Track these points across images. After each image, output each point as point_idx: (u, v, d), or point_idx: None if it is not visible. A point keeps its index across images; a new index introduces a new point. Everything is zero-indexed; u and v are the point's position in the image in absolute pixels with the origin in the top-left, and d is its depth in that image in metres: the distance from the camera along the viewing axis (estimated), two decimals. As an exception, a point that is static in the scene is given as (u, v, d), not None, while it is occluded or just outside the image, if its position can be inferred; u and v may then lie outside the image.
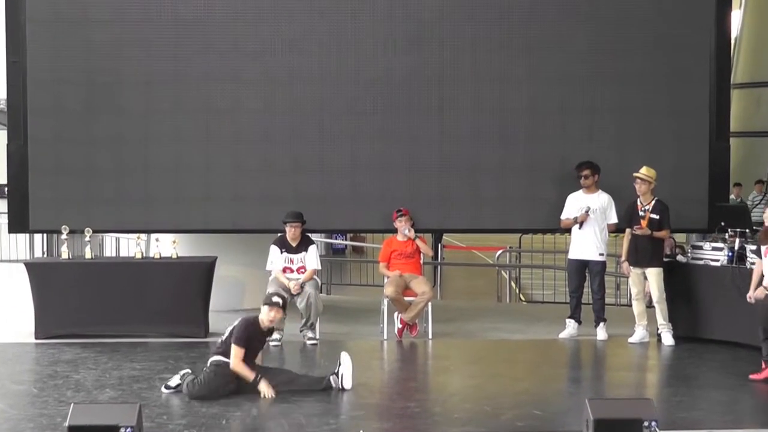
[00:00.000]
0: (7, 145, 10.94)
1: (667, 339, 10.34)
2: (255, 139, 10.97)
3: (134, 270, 10.67)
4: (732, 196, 15.36)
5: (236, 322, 8.28)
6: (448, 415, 7.71)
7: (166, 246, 10.84)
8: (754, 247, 9.56)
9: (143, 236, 11.23)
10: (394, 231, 10.89)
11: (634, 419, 6.37)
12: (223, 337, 8.31)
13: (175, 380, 8.24)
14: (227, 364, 8.11)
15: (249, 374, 8.10)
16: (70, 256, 10.84)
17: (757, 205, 17.08)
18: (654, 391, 8.79)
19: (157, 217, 10.95)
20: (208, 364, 8.22)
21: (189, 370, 8.30)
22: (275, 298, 8.31)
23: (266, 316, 8.26)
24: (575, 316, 10.82)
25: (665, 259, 10.60)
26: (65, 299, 10.45)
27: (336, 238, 20.62)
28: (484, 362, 9.90)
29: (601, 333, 10.65)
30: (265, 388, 8.04)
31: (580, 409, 6.80)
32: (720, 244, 10.27)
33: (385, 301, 10.69)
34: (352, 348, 10.54)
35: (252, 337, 8.21)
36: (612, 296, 14.51)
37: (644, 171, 10.41)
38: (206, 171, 10.97)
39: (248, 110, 10.95)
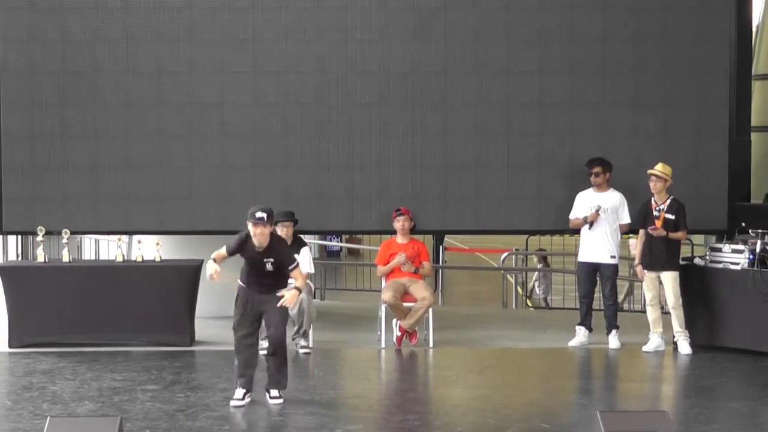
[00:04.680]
0: (-21, 141, 10.94)
1: (684, 347, 10.34)
2: (244, 133, 10.97)
3: (115, 274, 10.67)
4: None
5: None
6: (450, 428, 7.72)
7: (148, 248, 10.83)
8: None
9: (124, 238, 11.22)
10: (393, 232, 10.90)
11: (648, 433, 6.38)
12: None
13: (239, 392, 8.30)
14: (241, 287, 8.39)
15: (219, 255, 8.34)
16: (47, 260, 10.83)
17: None
18: (670, 403, 8.81)
19: (139, 217, 10.94)
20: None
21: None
22: (258, 214, 8.21)
23: (252, 233, 8.28)
24: (586, 323, 10.83)
25: (681, 262, 10.61)
26: (41, 305, 10.45)
27: (330, 240, 20.61)
28: (488, 372, 9.91)
29: (614, 341, 10.66)
30: (210, 268, 8.24)
31: (591, 423, 6.81)
32: (740, 246, 10.27)
33: (383, 307, 10.69)
34: (347, 357, 10.58)
35: (245, 250, 8.32)
36: (625, 302, 14.53)
37: (659, 168, 10.42)
38: (192, 168, 10.96)
39: (237, 103, 10.95)
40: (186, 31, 10.88)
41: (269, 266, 8.30)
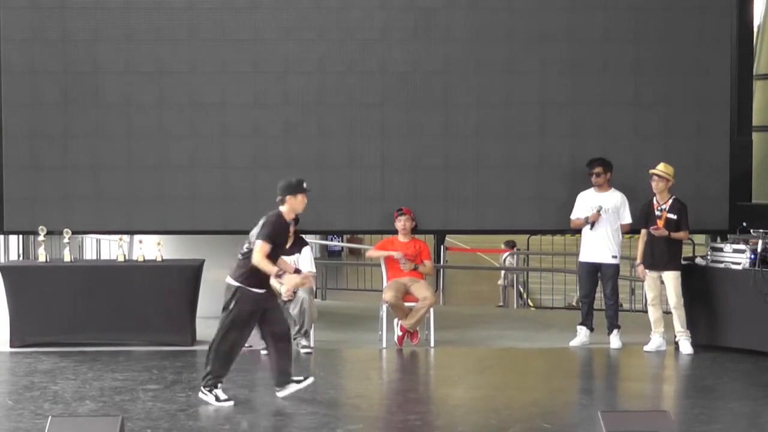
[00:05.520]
0: (-20, 140, 10.93)
1: (685, 347, 10.34)
2: (245, 133, 10.96)
3: (116, 274, 10.66)
4: None
5: (259, 225, 8.22)
6: (451, 428, 7.72)
7: (150, 248, 10.83)
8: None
9: (126, 237, 11.22)
10: (394, 232, 10.90)
11: (650, 433, 6.37)
12: (244, 251, 8.27)
13: (223, 393, 8.29)
14: (249, 290, 8.14)
15: (271, 268, 8.08)
16: (48, 259, 10.83)
17: None
18: (671, 403, 8.80)
19: (140, 217, 10.94)
20: (232, 297, 8.17)
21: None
22: (305, 183, 8.31)
23: (300, 204, 8.28)
24: (587, 322, 10.82)
25: (683, 262, 10.61)
26: (42, 305, 10.44)
27: (332, 240, 20.61)
28: (489, 372, 9.90)
29: (615, 341, 10.65)
30: (290, 279, 8.10)
31: (592, 422, 6.80)
32: (742, 246, 10.26)
33: (384, 307, 10.68)
34: (349, 357, 10.57)
35: (279, 234, 8.20)
36: (626, 301, 14.53)
37: (661, 168, 10.41)
38: (193, 168, 10.96)
39: (238, 103, 10.94)
40: (187, 32, 10.88)
41: (289, 242, 8.37)
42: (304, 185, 8.32)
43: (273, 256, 8.15)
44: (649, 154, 10.87)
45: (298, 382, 8.33)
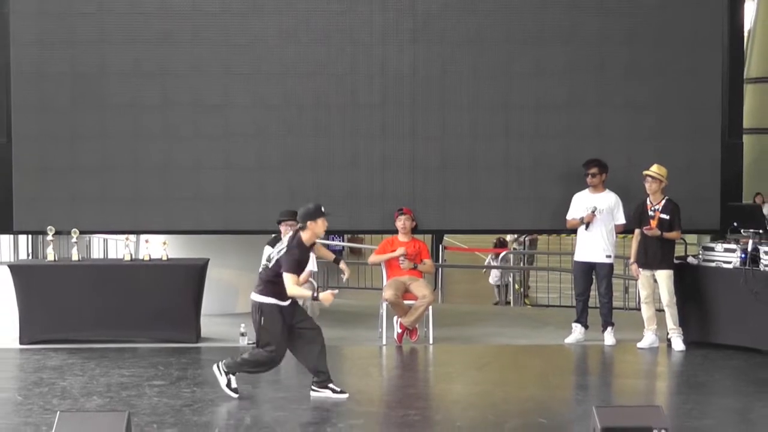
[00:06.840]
0: (-9, 142, 10.96)
1: (678, 344, 10.36)
2: (248, 135, 10.99)
3: (123, 273, 10.69)
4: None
5: (279, 252, 8.23)
6: (449, 423, 7.74)
7: (156, 247, 10.86)
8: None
9: (132, 237, 11.24)
10: (394, 232, 10.92)
11: (643, 427, 6.38)
12: (267, 268, 8.35)
13: (223, 380, 8.34)
14: (276, 305, 8.19)
15: (306, 293, 8.36)
16: (56, 258, 10.86)
17: None
18: (664, 398, 8.83)
19: (146, 217, 10.96)
20: (259, 314, 8.21)
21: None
22: (323, 207, 8.35)
23: (321, 228, 8.28)
24: (582, 320, 10.85)
25: (675, 261, 10.64)
26: (51, 303, 10.47)
27: (332, 240, 20.61)
28: (487, 369, 9.92)
29: (609, 338, 10.69)
30: (325, 296, 8.14)
31: (587, 417, 6.83)
32: (732, 245, 10.29)
33: (384, 305, 10.71)
34: (349, 354, 10.59)
35: (303, 259, 8.29)
36: (620, 300, 14.55)
37: (655, 169, 10.44)
38: (197, 168, 10.98)
39: (240, 105, 10.97)
40: (191, 35, 10.89)
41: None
42: (323, 209, 8.35)
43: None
44: (642, 155, 10.88)
45: (334, 391, 8.38)
